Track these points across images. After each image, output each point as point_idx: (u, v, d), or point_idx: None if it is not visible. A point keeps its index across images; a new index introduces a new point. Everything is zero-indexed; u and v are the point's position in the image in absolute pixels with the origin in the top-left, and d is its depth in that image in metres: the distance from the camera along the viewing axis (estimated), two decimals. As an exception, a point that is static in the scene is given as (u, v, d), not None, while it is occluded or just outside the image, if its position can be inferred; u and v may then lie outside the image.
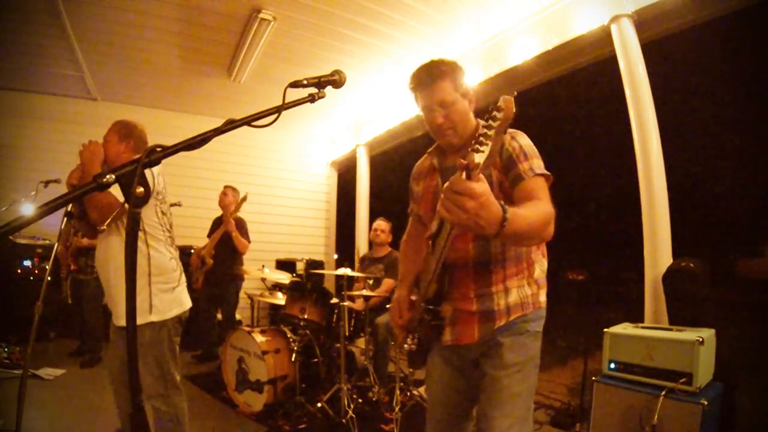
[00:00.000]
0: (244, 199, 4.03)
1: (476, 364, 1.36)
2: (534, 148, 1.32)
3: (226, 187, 4.52)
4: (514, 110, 0.96)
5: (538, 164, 1.28)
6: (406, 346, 1.41)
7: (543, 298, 1.38)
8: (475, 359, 1.36)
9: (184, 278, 2.05)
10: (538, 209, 1.15)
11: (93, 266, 4.00)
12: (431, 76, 1.36)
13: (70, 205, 2.07)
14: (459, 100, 1.37)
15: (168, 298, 1.93)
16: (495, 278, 1.32)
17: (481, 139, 0.94)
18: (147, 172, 1.87)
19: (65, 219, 2.19)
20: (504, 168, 1.29)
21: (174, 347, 1.95)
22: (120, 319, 1.93)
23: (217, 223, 4.43)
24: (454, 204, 0.93)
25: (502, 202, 1.00)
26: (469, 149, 0.95)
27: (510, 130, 1.30)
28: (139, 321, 1.84)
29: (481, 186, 0.93)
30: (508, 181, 1.28)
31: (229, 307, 4.44)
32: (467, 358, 1.38)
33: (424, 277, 1.36)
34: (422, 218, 1.56)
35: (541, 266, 1.39)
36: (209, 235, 4.41)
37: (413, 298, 1.46)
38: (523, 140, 1.31)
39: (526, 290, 1.34)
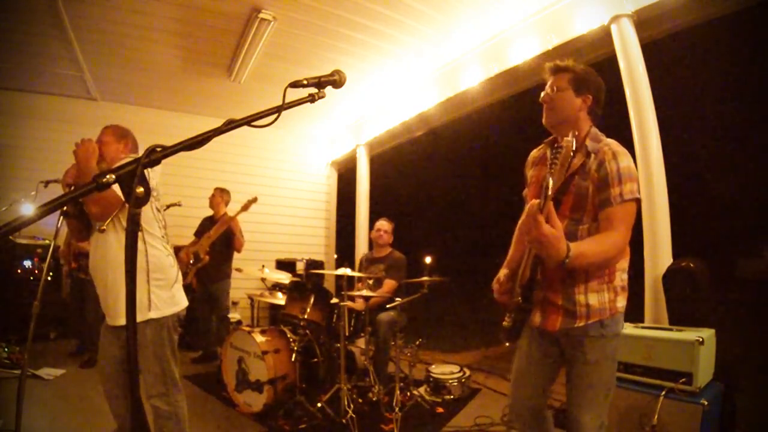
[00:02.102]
0: (255, 200, 4.04)
1: (558, 349, 1.59)
2: (632, 170, 1.44)
3: (215, 189, 4.57)
4: (573, 149, 1.30)
5: (630, 189, 1.41)
6: (504, 323, 1.56)
7: (621, 304, 1.52)
8: (557, 345, 1.58)
9: (180, 276, 2.05)
10: (604, 245, 1.40)
11: None
12: (559, 67, 1.64)
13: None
14: (569, 93, 1.58)
15: (166, 295, 1.92)
16: (579, 278, 1.48)
17: (553, 165, 1.33)
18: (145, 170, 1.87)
19: (61, 218, 2.19)
20: (598, 186, 1.44)
21: (174, 345, 1.94)
22: (116, 319, 1.93)
23: (207, 222, 4.46)
24: (527, 226, 1.27)
25: (569, 243, 1.29)
26: (547, 173, 1.33)
27: (614, 149, 1.47)
28: (140, 318, 1.84)
29: (547, 229, 1.24)
30: (598, 199, 1.44)
31: (222, 306, 4.45)
32: (550, 340, 1.59)
33: (521, 263, 1.53)
34: None
35: (621, 275, 1.53)
36: (197, 234, 4.42)
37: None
38: (623, 162, 1.44)
39: (605, 296, 1.49)
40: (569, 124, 1.56)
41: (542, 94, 1.62)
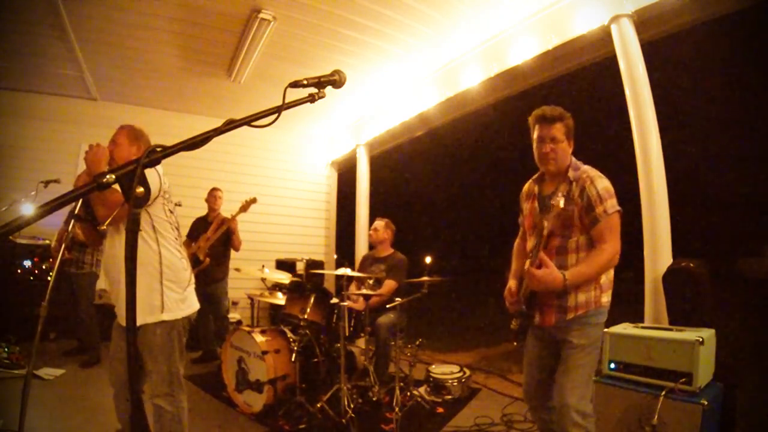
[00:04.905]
0: (254, 200, 4.04)
1: (555, 343, 1.85)
2: (608, 189, 1.74)
3: (217, 189, 4.56)
4: (560, 208, 1.70)
5: (611, 204, 1.72)
6: (512, 326, 1.92)
7: (605, 299, 1.82)
8: (554, 339, 1.85)
9: (193, 279, 2.08)
10: (599, 259, 1.71)
11: (84, 261, 3.98)
12: (553, 117, 1.82)
13: (78, 208, 2.08)
14: (565, 144, 1.83)
15: (179, 298, 1.96)
16: None
17: (547, 213, 1.75)
18: (153, 171, 1.89)
19: (72, 222, 2.20)
20: (584, 208, 1.75)
21: (182, 347, 1.98)
22: (125, 319, 1.94)
23: (201, 223, 4.45)
24: (528, 278, 1.72)
25: (564, 273, 1.65)
26: (544, 218, 1.76)
27: (591, 175, 1.77)
28: (151, 320, 1.87)
29: (539, 272, 1.65)
30: (588, 220, 1.74)
31: (221, 306, 4.46)
32: (548, 336, 1.89)
33: (525, 278, 1.82)
34: (525, 232, 2.05)
35: (607, 275, 1.81)
36: (190, 235, 4.41)
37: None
38: (600, 185, 1.74)
39: (591, 293, 1.78)
40: (566, 167, 1.85)
41: (546, 147, 1.82)
